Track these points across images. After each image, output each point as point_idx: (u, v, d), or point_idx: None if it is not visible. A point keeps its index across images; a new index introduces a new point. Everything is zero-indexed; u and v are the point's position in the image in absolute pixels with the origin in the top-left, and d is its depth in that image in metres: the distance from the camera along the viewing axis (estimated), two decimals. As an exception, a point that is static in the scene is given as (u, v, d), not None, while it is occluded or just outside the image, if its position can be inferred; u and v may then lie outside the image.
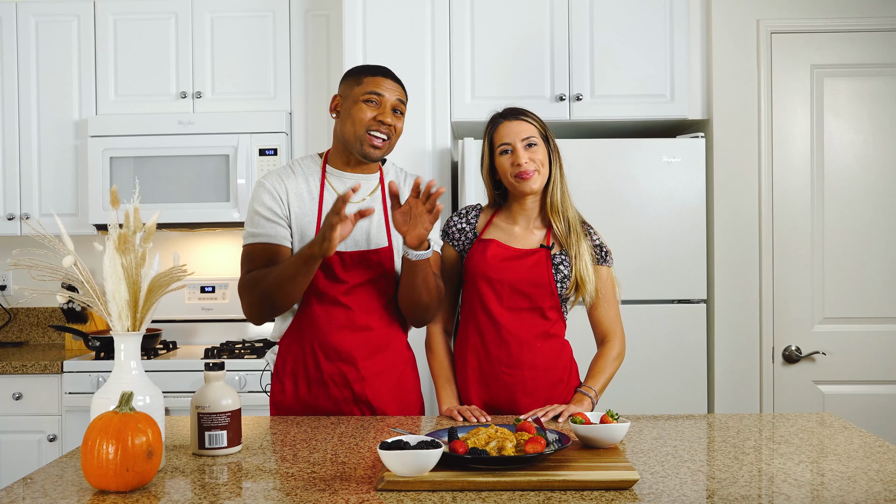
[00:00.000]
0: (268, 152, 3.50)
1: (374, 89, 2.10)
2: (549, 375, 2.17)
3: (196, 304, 3.80)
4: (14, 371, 3.27)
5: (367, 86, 2.11)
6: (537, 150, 2.16)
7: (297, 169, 2.18)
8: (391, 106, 2.12)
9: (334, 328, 2.11)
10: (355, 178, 2.17)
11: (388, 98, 2.11)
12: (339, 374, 2.12)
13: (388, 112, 2.10)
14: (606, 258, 2.24)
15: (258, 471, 1.61)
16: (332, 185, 2.16)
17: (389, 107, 2.11)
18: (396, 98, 2.13)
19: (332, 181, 2.16)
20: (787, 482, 1.51)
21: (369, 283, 2.13)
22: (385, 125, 2.10)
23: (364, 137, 2.09)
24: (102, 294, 1.62)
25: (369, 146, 2.10)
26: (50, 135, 3.65)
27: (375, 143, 2.10)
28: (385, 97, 2.11)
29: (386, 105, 2.11)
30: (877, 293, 3.21)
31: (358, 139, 2.10)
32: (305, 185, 2.15)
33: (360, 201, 2.16)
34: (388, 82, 2.13)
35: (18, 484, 1.52)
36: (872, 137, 3.22)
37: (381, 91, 2.11)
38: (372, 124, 2.09)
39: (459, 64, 3.22)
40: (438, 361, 2.24)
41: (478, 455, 1.50)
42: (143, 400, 1.59)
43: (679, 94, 3.21)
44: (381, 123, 2.09)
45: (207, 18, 3.62)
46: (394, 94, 2.12)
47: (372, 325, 2.14)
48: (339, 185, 2.16)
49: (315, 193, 2.15)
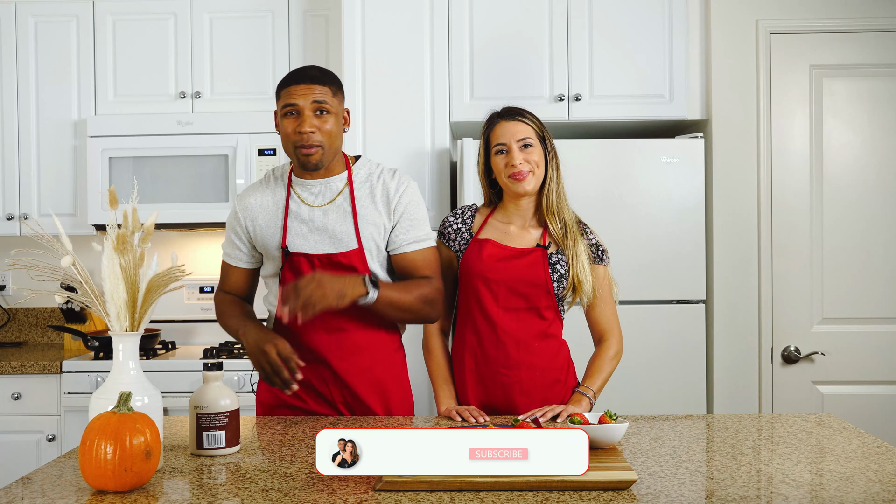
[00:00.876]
0: (267, 152, 3.50)
1: (287, 101, 2.06)
2: (546, 375, 2.17)
3: (195, 305, 3.80)
4: (13, 371, 3.26)
5: (284, 99, 2.08)
6: (532, 151, 2.16)
7: (266, 182, 2.20)
8: (310, 110, 2.05)
9: (308, 329, 2.09)
10: (318, 183, 2.14)
11: (304, 104, 2.04)
12: (315, 376, 2.12)
13: (306, 120, 2.04)
14: (603, 257, 2.24)
15: (256, 471, 1.61)
16: (297, 194, 2.15)
17: (309, 112, 2.05)
18: (313, 101, 2.05)
19: (297, 189, 2.16)
20: (785, 482, 1.51)
21: None
22: (305, 134, 2.04)
23: (296, 152, 2.07)
24: (101, 294, 1.62)
25: (302, 157, 2.07)
26: (49, 135, 3.65)
27: (305, 153, 2.06)
28: (299, 104, 2.05)
29: (304, 112, 2.05)
30: (876, 294, 3.21)
31: (293, 154, 2.09)
32: (272, 196, 2.16)
33: (327, 203, 2.13)
34: (299, 88, 2.05)
35: (17, 484, 1.52)
36: (871, 138, 3.22)
37: (294, 100, 2.05)
38: (296, 138, 2.06)
39: (458, 64, 3.22)
40: (436, 362, 2.24)
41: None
42: (142, 400, 1.59)
43: (678, 94, 3.21)
44: (300, 135, 2.04)
45: (206, 19, 3.62)
46: (308, 98, 2.05)
47: (345, 327, 2.10)
48: (304, 192, 2.14)
49: (280, 204, 2.15)
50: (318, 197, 2.14)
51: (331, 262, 2.09)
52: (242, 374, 3.24)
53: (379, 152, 3.19)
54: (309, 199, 2.14)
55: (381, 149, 3.21)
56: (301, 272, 2.08)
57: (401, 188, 2.14)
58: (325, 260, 2.09)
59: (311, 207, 2.12)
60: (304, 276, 1.98)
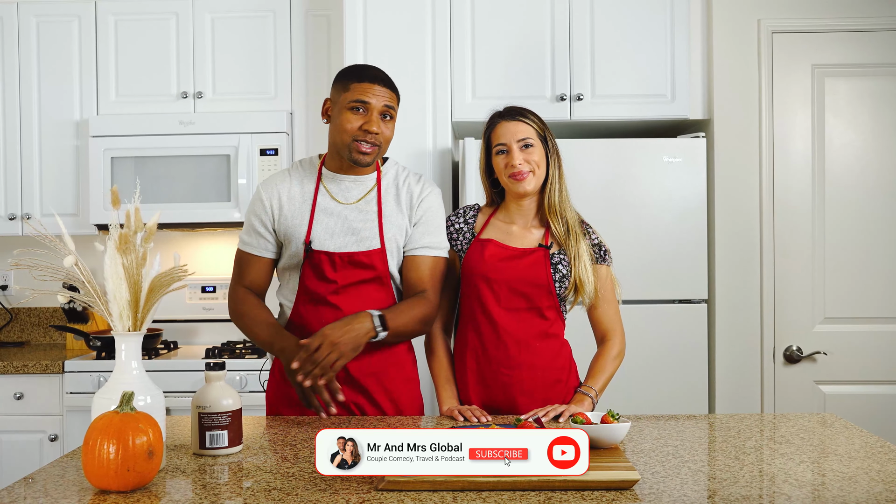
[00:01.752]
0: (268, 152, 3.50)
1: (360, 97, 2.07)
2: (547, 375, 2.17)
3: (197, 304, 3.81)
4: (15, 371, 3.27)
5: (354, 93, 2.08)
6: (533, 152, 2.16)
7: (294, 172, 2.20)
8: (379, 112, 2.08)
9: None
10: (350, 180, 2.17)
11: (375, 105, 2.08)
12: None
13: (374, 120, 2.07)
14: (605, 257, 2.24)
15: (259, 471, 1.61)
16: (326, 188, 2.16)
17: (377, 114, 2.08)
18: (384, 104, 2.09)
19: (328, 184, 2.17)
20: (787, 482, 1.51)
21: (360, 285, 2.13)
22: (371, 133, 2.07)
23: (352, 146, 2.08)
24: (103, 294, 1.62)
25: (358, 153, 2.08)
26: (51, 135, 3.65)
27: (363, 150, 2.08)
28: (371, 104, 2.07)
29: (373, 112, 2.08)
30: (878, 293, 3.21)
31: (346, 147, 2.10)
32: (300, 187, 2.16)
33: (355, 202, 2.15)
34: (375, 88, 2.08)
35: (19, 484, 1.52)
36: (873, 137, 3.22)
37: (367, 98, 2.07)
38: (358, 134, 2.07)
39: (460, 64, 3.22)
40: (438, 362, 2.24)
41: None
42: (144, 400, 1.59)
43: (680, 94, 3.21)
44: (367, 132, 2.07)
45: (208, 19, 3.63)
46: (381, 100, 2.08)
47: None
48: (334, 187, 2.16)
49: (308, 197, 2.15)
50: (346, 193, 2.15)
51: (352, 260, 2.11)
52: (244, 373, 3.24)
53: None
54: (338, 195, 2.15)
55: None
56: (321, 269, 2.10)
57: (424, 193, 2.19)
58: (346, 258, 2.11)
59: (338, 203, 2.14)
60: (325, 265, 2.05)
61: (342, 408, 2.13)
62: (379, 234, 2.13)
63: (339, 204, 2.14)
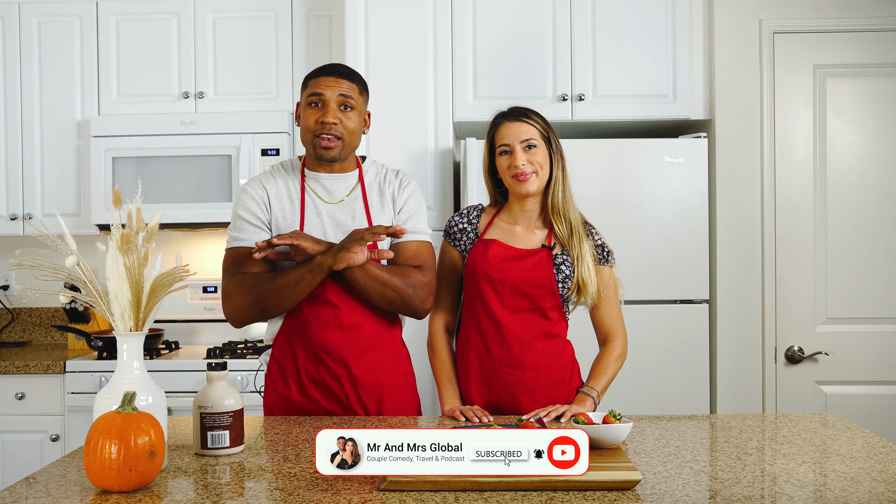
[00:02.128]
0: (270, 152, 3.50)
1: (314, 90, 2.09)
2: (550, 375, 2.17)
3: (198, 305, 3.81)
4: (17, 371, 3.27)
5: (310, 88, 2.10)
6: (536, 152, 2.16)
7: (277, 173, 2.19)
8: (336, 103, 2.08)
9: (323, 327, 2.10)
10: (331, 178, 2.17)
11: (330, 96, 2.08)
12: (330, 374, 2.11)
13: (330, 111, 2.07)
14: (608, 258, 2.24)
15: (260, 471, 1.61)
16: (311, 188, 2.16)
17: (333, 104, 2.08)
18: (340, 94, 2.08)
19: (311, 184, 2.17)
20: (789, 483, 1.51)
21: None
22: (328, 124, 2.07)
23: (314, 142, 2.09)
24: (105, 294, 1.62)
25: (320, 148, 2.09)
26: (52, 135, 3.65)
27: (324, 144, 2.08)
28: (325, 96, 2.08)
29: (328, 103, 2.08)
30: (880, 293, 3.20)
31: (310, 144, 2.11)
32: (286, 188, 2.16)
33: (341, 200, 2.16)
34: (328, 80, 2.09)
35: (21, 484, 1.52)
36: (875, 138, 3.22)
37: (321, 90, 2.08)
38: (317, 128, 2.08)
39: (461, 64, 3.22)
40: (440, 361, 2.24)
41: (480, 455, 1.50)
42: (146, 400, 1.59)
43: (681, 94, 3.20)
44: (323, 125, 2.07)
45: (210, 19, 3.63)
46: (336, 90, 2.08)
47: (361, 324, 2.12)
48: (318, 187, 2.16)
49: (295, 196, 2.15)
50: (331, 193, 2.16)
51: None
52: (246, 373, 3.24)
53: (382, 152, 3.19)
54: (323, 194, 2.16)
55: (385, 148, 3.21)
56: None
57: (403, 184, 2.22)
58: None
59: (325, 203, 2.15)
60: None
61: (344, 408, 2.13)
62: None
63: (326, 203, 2.15)
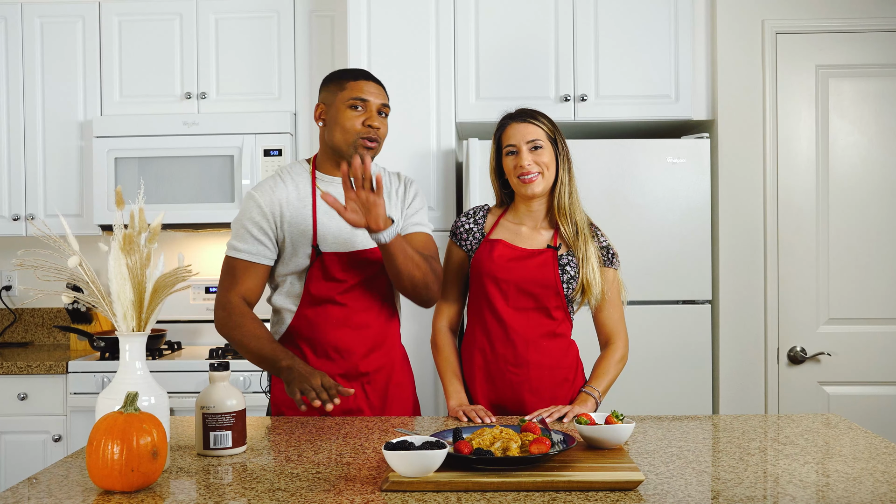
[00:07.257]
0: (272, 153, 3.51)
1: (358, 94, 2.10)
2: (555, 374, 2.17)
3: (200, 305, 3.81)
4: (19, 371, 3.27)
5: (353, 91, 2.10)
6: (542, 153, 2.16)
7: (285, 177, 2.18)
8: (377, 109, 2.12)
9: (332, 326, 2.11)
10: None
11: (374, 102, 2.11)
12: (339, 372, 2.12)
13: (375, 116, 2.11)
14: (613, 260, 2.24)
15: (263, 471, 1.61)
16: (322, 191, 2.15)
17: (375, 110, 2.11)
18: (381, 102, 2.13)
19: (323, 187, 2.17)
20: (792, 483, 1.50)
21: (366, 281, 2.15)
22: (374, 128, 2.10)
23: (357, 143, 2.09)
24: (107, 294, 1.62)
25: (364, 149, 2.09)
26: (55, 136, 3.66)
27: (369, 146, 2.10)
28: (370, 101, 2.11)
29: (372, 109, 2.11)
30: (882, 294, 3.20)
31: (350, 145, 2.10)
32: (296, 191, 2.15)
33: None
34: (371, 86, 2.13)
35: (23, 484, 1.52)
36: (878, 138, 3.21)
37: (366, 96, 2.10)
38: (362, 130, 2.09)
39: (464, 65, 3.22)
40: (444, 357, 2.25)
41: (482, 455, 1.50)
42: (148, 400, 1.59)
43: (684, 94, 3.20)
44: (370, 128, 2.09)
45: (212, 19, 3.63)
46: (378, 98, 2.13)
47: (370, 323, 2.15)
48: (332, 190, 2.15)
49: (307, 199, 2.14)
50: (342, 196, 2.14)
51: (361, 258, 2.13)
52: (248, 374, 3.24)
53: (384, 152, 3.17)
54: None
55: (387, 149, 3.18)
56: (330, 271, 2.10)
57: (406, 183, 2.28)
58: (356, 257, 2.12)
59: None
60: (335, 266, 2.07)
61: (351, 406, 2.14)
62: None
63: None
